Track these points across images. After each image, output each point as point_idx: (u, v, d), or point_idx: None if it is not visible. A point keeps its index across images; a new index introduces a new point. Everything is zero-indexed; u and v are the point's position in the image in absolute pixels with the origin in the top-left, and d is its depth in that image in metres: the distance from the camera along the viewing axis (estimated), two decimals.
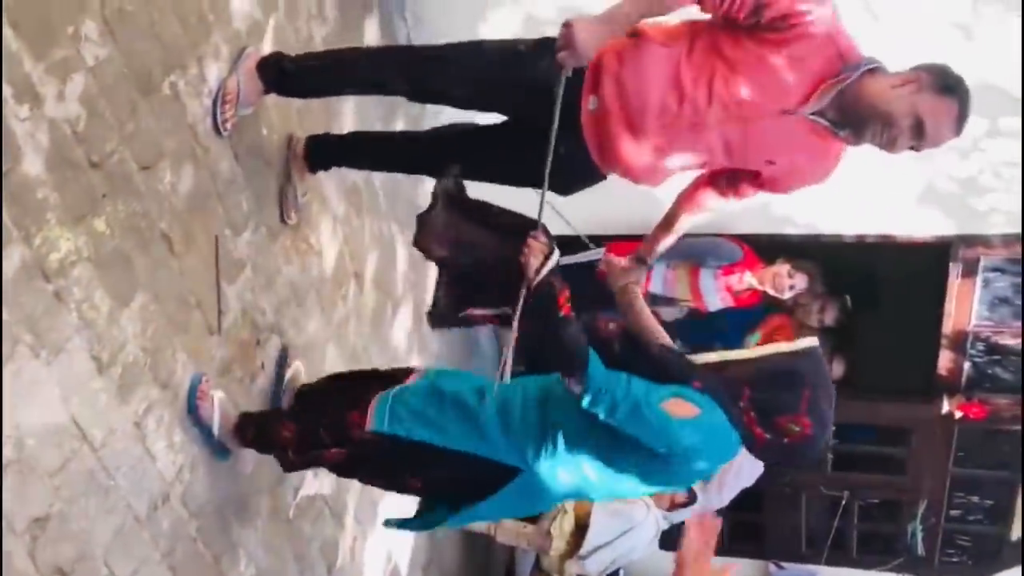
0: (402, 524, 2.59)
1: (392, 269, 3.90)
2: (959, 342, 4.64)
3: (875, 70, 2.22)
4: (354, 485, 3.50)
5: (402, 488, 2.52)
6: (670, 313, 4.36)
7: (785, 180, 2.42)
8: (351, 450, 2.36)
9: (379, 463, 2.41)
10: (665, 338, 2.28)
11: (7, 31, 1.80)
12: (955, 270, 4.38)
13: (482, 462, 2.24)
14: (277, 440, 2.48)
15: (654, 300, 4.28)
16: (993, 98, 3.57)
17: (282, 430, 2.47)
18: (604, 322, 2.45)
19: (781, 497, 5.66)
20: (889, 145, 2.22)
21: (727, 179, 2.50)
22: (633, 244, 3.99)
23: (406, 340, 4.03)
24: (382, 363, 3.72)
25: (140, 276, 2.21)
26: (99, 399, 2.08)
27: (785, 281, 4.25)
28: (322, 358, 3.22)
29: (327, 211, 3.22)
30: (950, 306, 4.52)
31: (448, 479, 2.34)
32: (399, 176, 3.87)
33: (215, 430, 2.47)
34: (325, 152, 2.90)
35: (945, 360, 4.72)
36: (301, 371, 2.93)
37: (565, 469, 2.20)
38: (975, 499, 5.38)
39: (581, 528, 4.56)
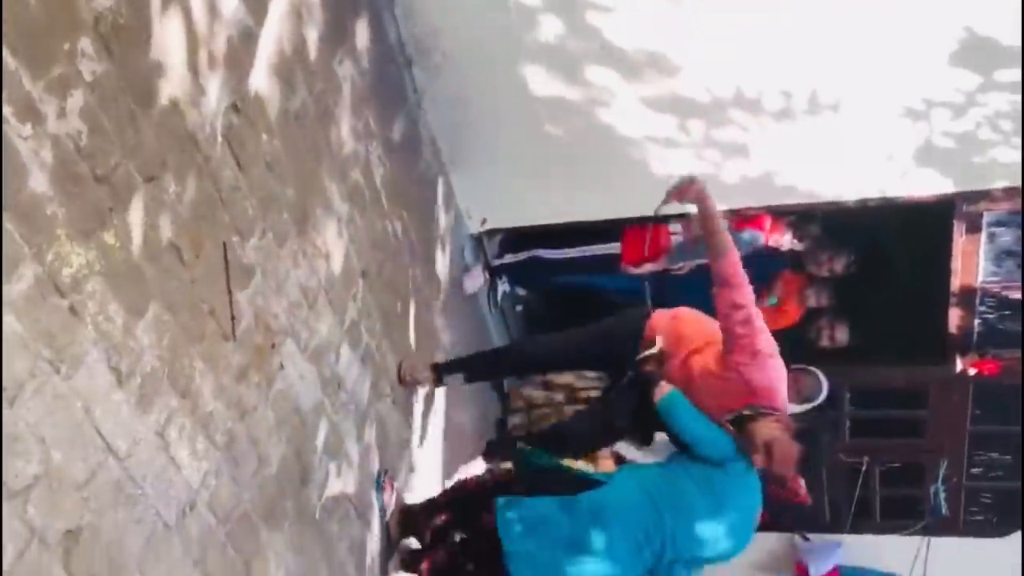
0: None
1: (399, 267, 3.91)
2: (968, 299, 4.65)
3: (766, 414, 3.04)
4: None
5: None
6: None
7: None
8: None
9: None
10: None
11: (5, 51, 1.81)
12: (959, 227, 4.39)
13: None
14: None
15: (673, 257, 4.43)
16: (987, 51, 3.57)
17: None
18: None
19: None
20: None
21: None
22: (643, 229, 4.20)
23: (415, 336, 4.04)
24: (394, 359, 3.75)
25: (152, 287, 2.22)
26: (121, 410, 2.09)
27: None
28: (337, 359, 3.24)
29: (331, 213, 3.23)
30: (956, 264, 4.52)
31: None
32: (400, 174, 3.90)
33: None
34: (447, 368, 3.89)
35: (955, 318, 4.73)
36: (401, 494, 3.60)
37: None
38: (995, 455, 5.40)
39: None
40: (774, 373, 3.11)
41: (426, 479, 4.06)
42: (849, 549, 5.76)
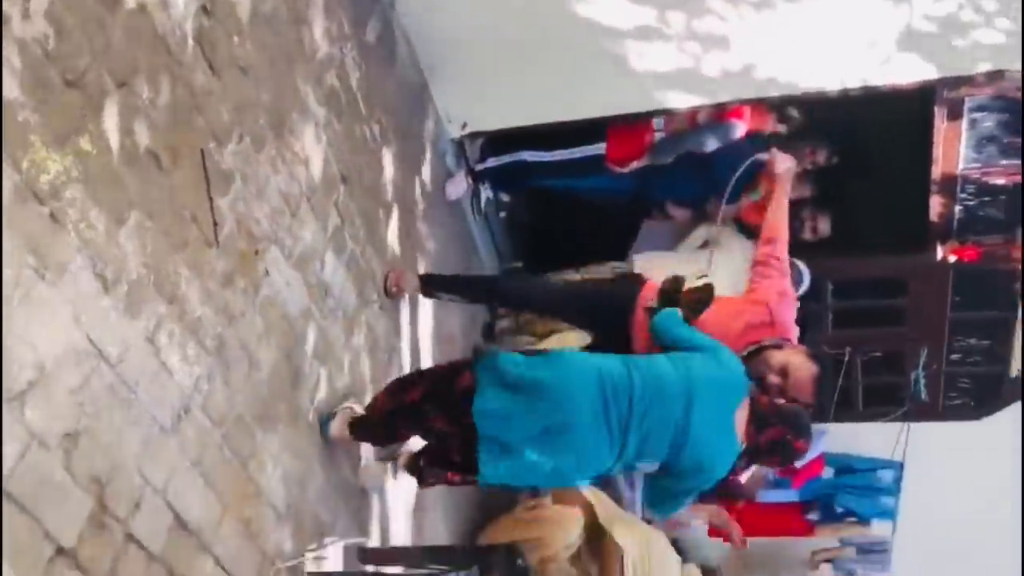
0: None
1: (379, 173, 3.88)
2: (949, 186, 4.67)
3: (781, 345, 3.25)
4: (367, 387, 3.58)
5: None
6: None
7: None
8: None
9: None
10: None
11: None
12: (940, 114, 4.37)
13: None
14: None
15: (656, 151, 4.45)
16: None
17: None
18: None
19: None
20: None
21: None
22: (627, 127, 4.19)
23: (399, 243, 4.05)
24: (379, 266, 3.77)
25: (132, 194, 2.21)
26: (109, 317, 2.11)
27: None
28: (322, 266, 3.25)
29: (308, 117, 3.19)
30: (937, 151, 4.52)
31: None
32: (376, 78, 3.84)
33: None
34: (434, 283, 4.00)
35: (936, 206, 4.75)
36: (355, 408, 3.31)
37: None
38: (973, 341, 5.51)
39: None
40: (791, 313, 3.52)
41: None
42: (833, 437, 5.91)
